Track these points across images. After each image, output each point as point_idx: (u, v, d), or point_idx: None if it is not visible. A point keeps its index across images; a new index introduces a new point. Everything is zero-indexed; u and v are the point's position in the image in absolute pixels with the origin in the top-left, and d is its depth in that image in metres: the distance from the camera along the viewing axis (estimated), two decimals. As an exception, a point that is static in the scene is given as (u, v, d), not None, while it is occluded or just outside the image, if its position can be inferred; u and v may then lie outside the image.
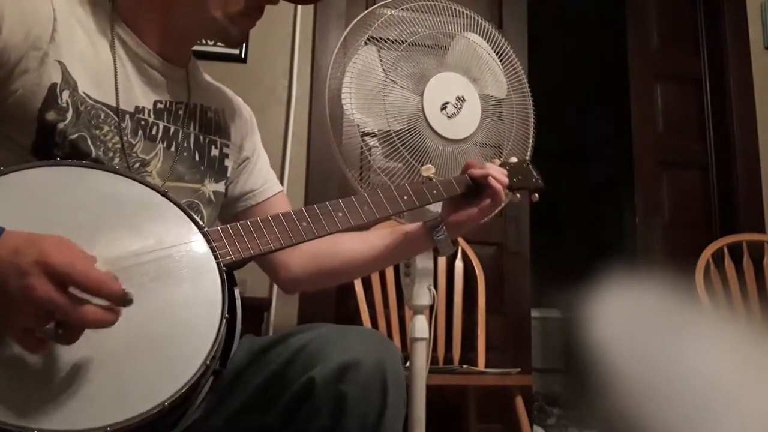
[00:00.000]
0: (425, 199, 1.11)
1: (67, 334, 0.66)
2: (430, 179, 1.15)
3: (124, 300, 0.67)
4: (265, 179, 1.15)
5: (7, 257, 0.64)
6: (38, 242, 0.66)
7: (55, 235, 0.68)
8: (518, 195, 1.27)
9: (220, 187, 1.04)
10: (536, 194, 1.28)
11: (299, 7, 2.49)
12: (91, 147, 0.87)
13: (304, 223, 0.95)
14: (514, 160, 1.31)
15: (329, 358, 0.82)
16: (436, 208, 1.20)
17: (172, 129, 0.98)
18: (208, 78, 1.12)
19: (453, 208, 1.16)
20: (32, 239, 0.66)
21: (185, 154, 0.99)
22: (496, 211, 1.18)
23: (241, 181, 1.11)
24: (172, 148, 0.98)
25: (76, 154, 0.85)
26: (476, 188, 1.17)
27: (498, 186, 1.14)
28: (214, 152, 1.04)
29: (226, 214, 1.10)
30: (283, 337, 0.90)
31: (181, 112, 1.00)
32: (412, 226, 1.18)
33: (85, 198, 0.80)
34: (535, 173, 1.31)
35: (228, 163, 1.06)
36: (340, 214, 0.99)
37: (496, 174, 1.15)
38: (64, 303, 0.64)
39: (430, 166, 1.19)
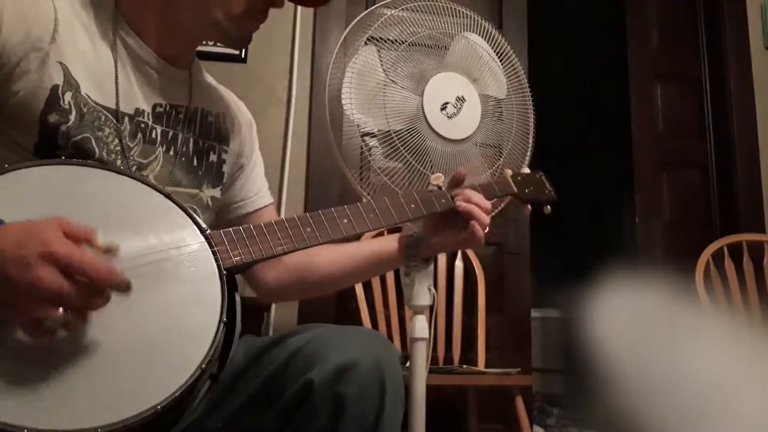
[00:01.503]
0: (433, 208, 1.09)
1: (74, 320, 0.67)
2: (439, 188, 1.13)
3: (127, 288, 0.68)
4: (258, 189, 1.14)
5: (11, 250, 0.65)
6: (39, 232, 0.66)
7: (51, 220, 0.68)
8: (529, 207, 1.25)
9: (217, 192, 1.04)
10: (548, 206, 1.26)
11: (299, 7, 2.49)
12: (96, 148, 0.87)
13: (308, 229, 0.94)
14: (526, 171, 1.30)
15: (327, 360, 0.82)
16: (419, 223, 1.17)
17: (170, 133, 0.97)
18: (210, 80, 1.11)
19: (433, 228, 1.13)
20: (33, 229, 0.66)
21: (183, 159, 0.99)
22: (477, 248, 1.15)
23: (235, 188, 1.10)
24: (171, 152, 0.97)
25: (80, 155, 0.85)
26: (455, 212, 1.12)
27: (479, 233, 1.09)
28: (213, 157, 1.04)
29: (217, 221, 1.09)
30: (281, 337, 0.90)
31: (181, 116, 1.00)
32: (389, 241, 1.16)
33: (87, 197, 0.80)
34: (547, 185, 1.28)
35: (225, 168, 1.06)
36: (345, 221, 0.98)
37: (479, 216, 1.09)
38: (74, 292, 0.65)
39: (440, 174, 1.17)
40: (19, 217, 0.69)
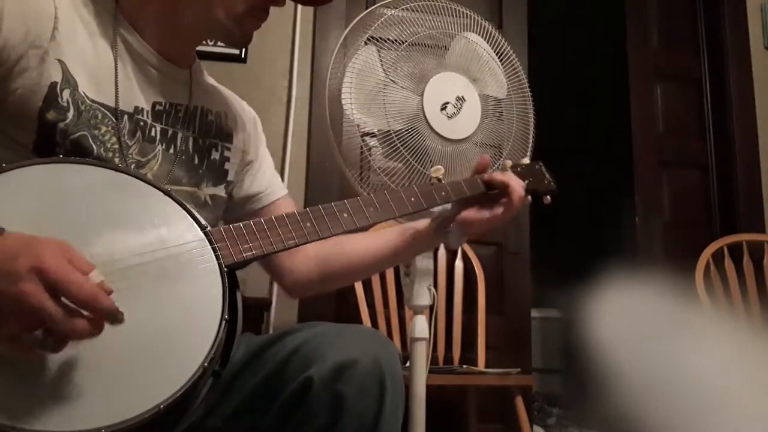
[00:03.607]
0: (433, 201, 1.09)
1: (53, 342, 0.66)
2: (439, 180, 1.14)
3: (115, 318, 0.67)
4: (270, 182, 1.14)
5: (4, 261, 0.64)
6: (36, 247, 0.65)
7: (54, 239, 0.67)
8: (529, 197, 1.24)
9: (219, 190, 1.03)
10: (548, 197, 1.26)
11: (299, 6, 2.49)
12: (93, 146, 0.87)
13: (308, 224, 0.94)
14: (526, 161, 1.30)
15: (326, 358, 0.82)
16: (438, 207, 1.19)
17: (170, 131, 0.97)
18: (211, 81, 1.11)
19: (463, 206, 1.15)
20: (30, 243, 0.66)
21: (184, 157, 0.98)
22: (509, 218, 1.15)
23: (245, 184, 1.10)
24: (171, 151, 0.97)
25: (78, 153, 0.85)
26: (487, 193, 1.15)
27: (516, 201, 1.12)
28: (215, 155, 1.04)
29: (231, 218, 1.08)
30: (281, 335, 0.90)
31: (180, 114, 1.00)
32: (419, 224, 1.17)
33: (86, 195, 0.79)
34: (547, 175, 1.28)
35: (229, 166, 1.05)
36: (345, 216, 0.98)
37: (516, 186, 1.13)
38: (55, 312, 0.63)
39: (440, 167, 1.17)
40: (17, 218, 0.69)
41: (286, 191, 1.17)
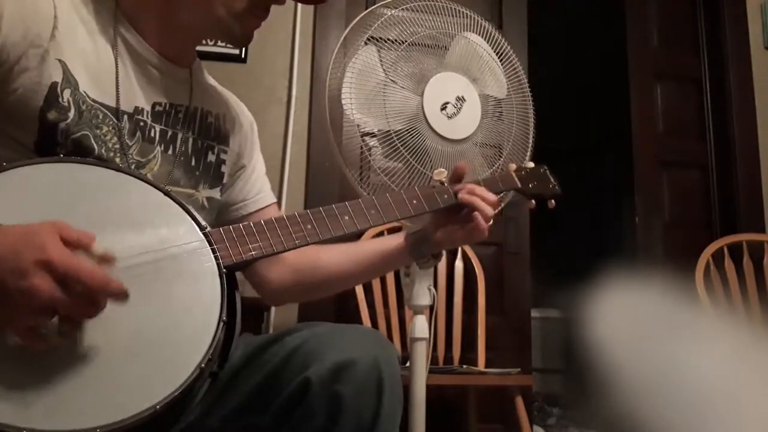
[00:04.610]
0: (435, 204, 1.08)
1: (68, 328, 0.68)
2: (442, 183, 1.13)
3: (124, 296, 0.68)
4: (260, 189, 1.13)
5: (8, 256, 0.64)
6: (36, 237, 0.66)
7: (48, 223, 0.68)
8: (533, 201, 1.23)
9: (215, 193, 1.03)
10: (552, 201, 1.25)
11: (299, 6, 2.49)
12: (94, 145, 0.87)
13: (309, 226, 0.93)
14: (530, 165, 1.28)
15: (324, 358, 0.82)
16: (420, 221, 1.16)
17: (169, 132, 0.97)
18: (212, 81, 1.10)
19: (438, 223, 1.12)
20: (29, 234, 0.66)
21: (182, 158, 0.98)
22: (480, 239, 1.11)
23: (236, 188, 1.10)
24: (170, 152, 0.97)
25: (79, 153, 0.85)
26: (459, 207, 1.10)
27: (482, 224, 1.08)
28: (211, 158, 1.03)
29: (218, 222, 1.08)
30: (279, 336, 0.90)
31: (180, 115, 0.99)
32: (394, 239, 1.15)
33: (86, 195, 0.80)
34: (552, 179, 1.27)
35: (224, 169, 1.05)
36: (347, 218, 0.97)
37: (483, 208, 1.08)
38: (68, 302, 0.65)
39: (442, 170, 1.16)
40: (17, 216, 0.69)
41: (275, 199, 1.16)
